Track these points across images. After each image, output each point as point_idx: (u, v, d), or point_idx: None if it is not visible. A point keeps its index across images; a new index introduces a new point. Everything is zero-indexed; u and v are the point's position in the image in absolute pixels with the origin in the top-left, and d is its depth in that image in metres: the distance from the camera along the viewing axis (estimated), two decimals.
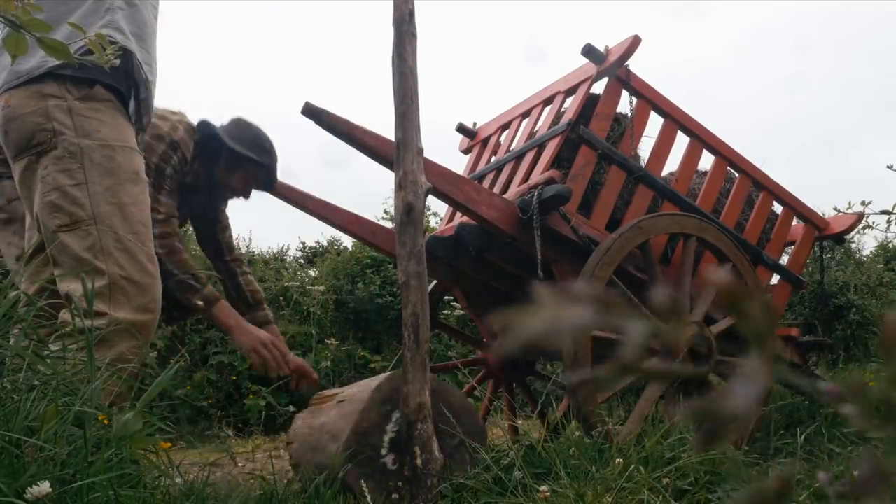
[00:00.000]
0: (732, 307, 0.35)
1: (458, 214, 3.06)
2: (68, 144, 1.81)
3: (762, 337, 0.34)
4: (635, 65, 2.88)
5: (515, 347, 0.31)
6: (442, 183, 2.53)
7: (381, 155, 2.44)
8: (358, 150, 2.47)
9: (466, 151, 3.67)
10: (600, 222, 2.81)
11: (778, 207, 3.35)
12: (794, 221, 3.42)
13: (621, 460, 1.89)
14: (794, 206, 3.32)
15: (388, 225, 7.92)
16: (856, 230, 3.49)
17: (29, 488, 1.14)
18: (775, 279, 3.36)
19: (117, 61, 1.40)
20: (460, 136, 3.72)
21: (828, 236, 3.49)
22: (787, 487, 0.36)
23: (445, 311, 6.72)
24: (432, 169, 2.51)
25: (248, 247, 7.57)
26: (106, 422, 1.38)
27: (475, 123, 3.66)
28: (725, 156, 3.12)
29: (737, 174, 3.20)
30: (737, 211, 3.17)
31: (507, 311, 0.32)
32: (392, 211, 8.80)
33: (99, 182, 1.82)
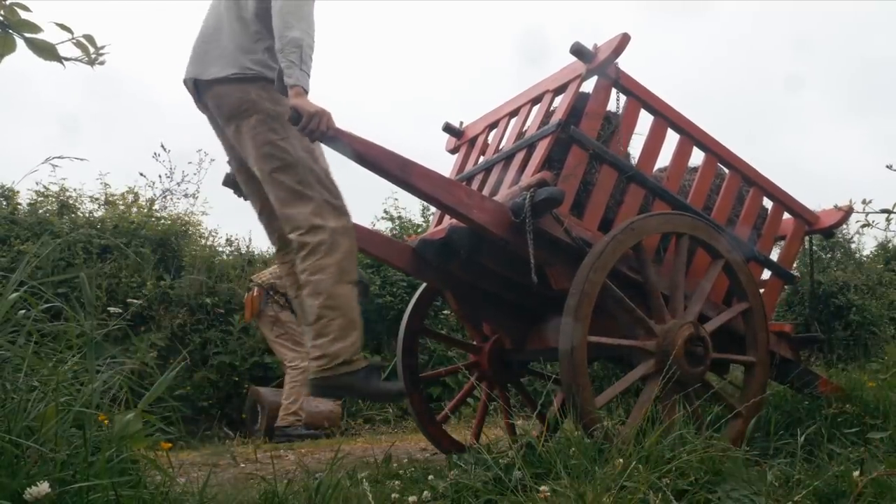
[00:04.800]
0: None
1: (448, 216, 3.02)
2: (268, 110, 2.44)
3: None
4: (628, 63, 2.85)
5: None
6: (432, 187, 2.50)
7: (370, 161, 2.39)
8: (345, 156, 2.39)
9: (453, 151, 3.62)
10: (593, 223, 2.80)
11: (768, 203, 3.34)
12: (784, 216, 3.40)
13: (621, 460, 1.89)
14: (784, 201, 3.32)
15: (388, 225, 7.92)
16: (844, 223, 3.46)
17: (28, 489, 1.14)
18: (766, 274, 3.35)
19: (104, 60, 1.60)
20: (447, 136, 3.66)
21: (817, 230, 3.49)
22: None
23: (445, 311, 6.71)
24: (422, 172, 2.48)
25: (248, 247, 7.56)
26: (105, 421, 1.38)
27: (462, 123, 3.60)
28: (715, 152, 3.11)
29: (727, 170, 3.19)
30: (728, 207, 3.16)
31: None
32: (392, 211, 8.67)
33: (294, 136, 2.42)
